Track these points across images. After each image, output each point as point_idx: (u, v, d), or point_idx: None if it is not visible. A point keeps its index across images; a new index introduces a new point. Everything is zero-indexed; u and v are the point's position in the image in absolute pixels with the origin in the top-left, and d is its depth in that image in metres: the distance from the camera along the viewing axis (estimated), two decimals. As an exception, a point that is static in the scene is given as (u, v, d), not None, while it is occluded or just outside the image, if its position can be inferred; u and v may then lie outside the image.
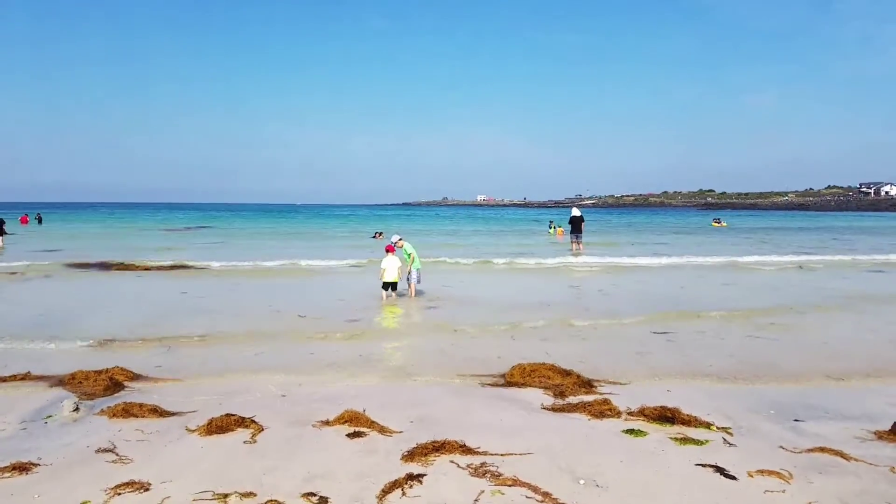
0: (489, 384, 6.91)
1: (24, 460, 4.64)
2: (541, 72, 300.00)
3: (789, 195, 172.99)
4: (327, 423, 5.55)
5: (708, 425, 5.50)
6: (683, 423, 5.53)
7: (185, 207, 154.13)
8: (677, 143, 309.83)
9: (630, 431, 5.36)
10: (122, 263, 18.49)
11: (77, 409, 5.80)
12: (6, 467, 4.52)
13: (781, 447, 5.01)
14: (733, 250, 26.50)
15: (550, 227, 41.27)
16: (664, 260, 21.17)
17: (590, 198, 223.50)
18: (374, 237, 35.51)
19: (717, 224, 54.95)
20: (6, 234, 27.15)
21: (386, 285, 13.28)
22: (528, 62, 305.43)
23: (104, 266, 18.30)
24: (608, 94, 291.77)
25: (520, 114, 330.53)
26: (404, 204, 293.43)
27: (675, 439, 5.16)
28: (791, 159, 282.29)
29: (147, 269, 17.82)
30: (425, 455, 4.80)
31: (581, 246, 26.32)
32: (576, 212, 27.15)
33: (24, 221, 47.37)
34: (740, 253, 24.79)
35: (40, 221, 50.63)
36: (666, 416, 5.64)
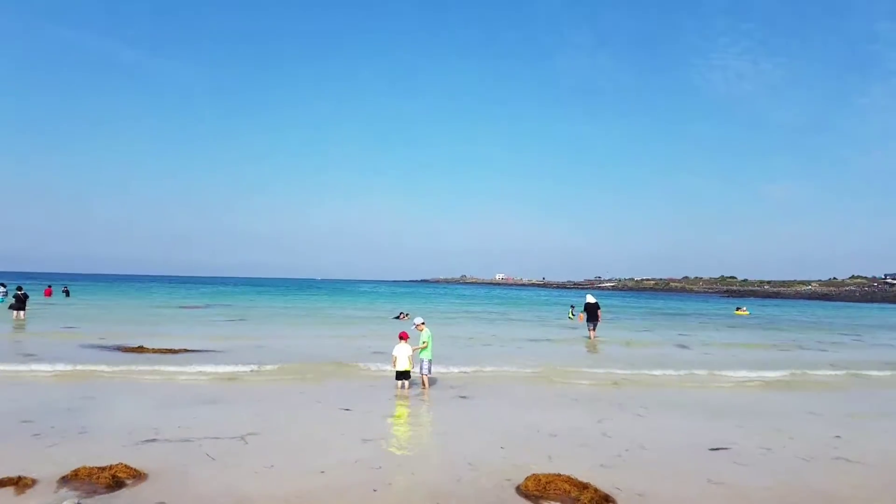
0: (502, 496, 6.61)
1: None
2: (559, 158, 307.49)
3: (812, 284, 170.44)
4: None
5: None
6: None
7: (205, 281, 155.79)
8: (697, 228, 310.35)
9: (649, 561, 5.06)
10: (140, 347, 18.47)
11: (76, 514, 5.64)
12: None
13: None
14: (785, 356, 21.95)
15: (571, 312, 40.93)
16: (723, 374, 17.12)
17: (609, 280, 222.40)
18: (397, 318, 34.84)
19: (739, 312, 55.77)
20: (25, 309, 27.42)
21: (399, 375, 12.98)
22: (548, 149, 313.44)
23: (121, 349, 18.32)
24: (626, 178, 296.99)
25: (539, 194, 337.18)
26: (423, 281, 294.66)
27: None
28: (813, 248, 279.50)
29: (164, 352, 17.78)
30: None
31: (593, 334, 25.90)
32: (590, 298, 26.83)
33: (47, 294, 47.79)
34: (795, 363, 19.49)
35: (67, 294, 51.21)
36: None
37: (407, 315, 35.00)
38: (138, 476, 6.93)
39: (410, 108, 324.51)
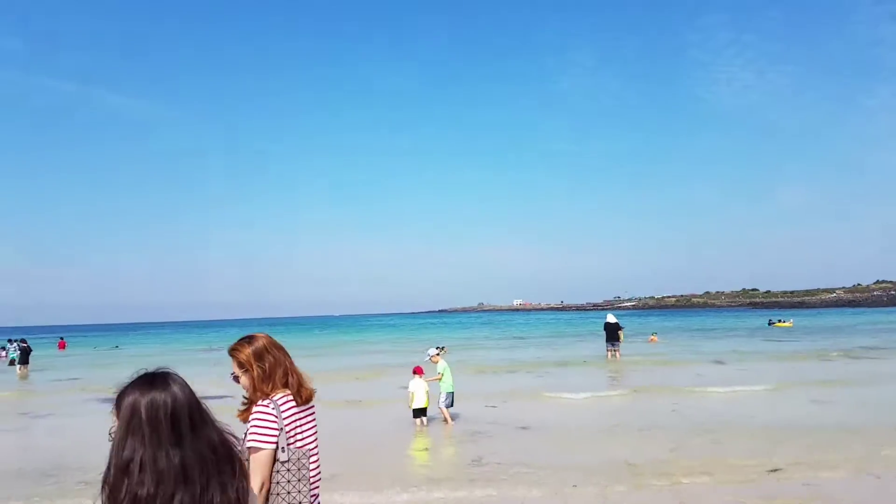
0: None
1: None
2: (569, 179, 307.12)
3: (837, 291, 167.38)
4: None
5: None
6: None
7: (219, 325, 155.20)
8: (715, 241, 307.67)
9: None
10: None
11: None
12: None
13: None
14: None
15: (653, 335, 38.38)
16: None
17: (629, 299, 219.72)
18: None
19: (781, 324, 51.64)
20: (28, 363, 26.62)
21: (416, 412, 12.11)
22: (557, 172, 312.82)
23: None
24: (639, 195, 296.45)
25: (552, 217, 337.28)
26: (440, 311, 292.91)
27: None
28: (833, 255, 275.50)
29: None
30: None
31: (618, 354, 25.18)
32: (610, 318, 25.98)
33: (61, 347, 45.73)
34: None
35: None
36: None
37: (444, 349, 33.23)
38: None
39: (415, 136, 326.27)
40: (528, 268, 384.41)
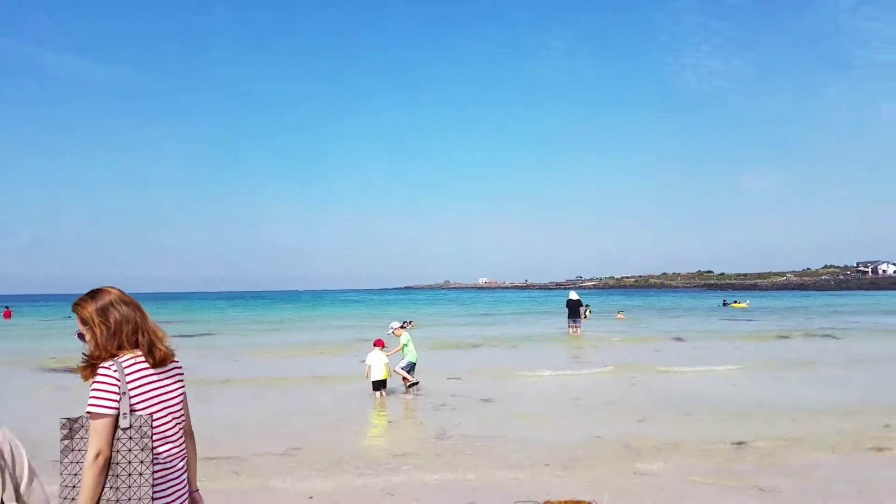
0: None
1: None
2: (536, 160, 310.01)
3: (788, 275, 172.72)
4: None
5: None
6: None
7: (177, 297, 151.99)
8: (672, 224, 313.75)
9: None
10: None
11: None
12: None
13: None
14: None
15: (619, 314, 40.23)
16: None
17: (590, 279, 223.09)
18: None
19: (738, 305, 53.66)
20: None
21: (375, 385, 12.04)
22: (524, 152, 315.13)
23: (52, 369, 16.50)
24: (603, 177, 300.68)
25: (518, 197, 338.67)
26: (406, 287, 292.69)
27: None
28: (785, 239, 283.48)
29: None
30: None
31: (580, 331, 25.74)
32: (573, 295, 26.48)
33: (6, 316, 44.14)
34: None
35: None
36: None
37: (411, 323, 32.89)
38: None
39: (388, 114, 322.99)
40: (493, 247, 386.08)
